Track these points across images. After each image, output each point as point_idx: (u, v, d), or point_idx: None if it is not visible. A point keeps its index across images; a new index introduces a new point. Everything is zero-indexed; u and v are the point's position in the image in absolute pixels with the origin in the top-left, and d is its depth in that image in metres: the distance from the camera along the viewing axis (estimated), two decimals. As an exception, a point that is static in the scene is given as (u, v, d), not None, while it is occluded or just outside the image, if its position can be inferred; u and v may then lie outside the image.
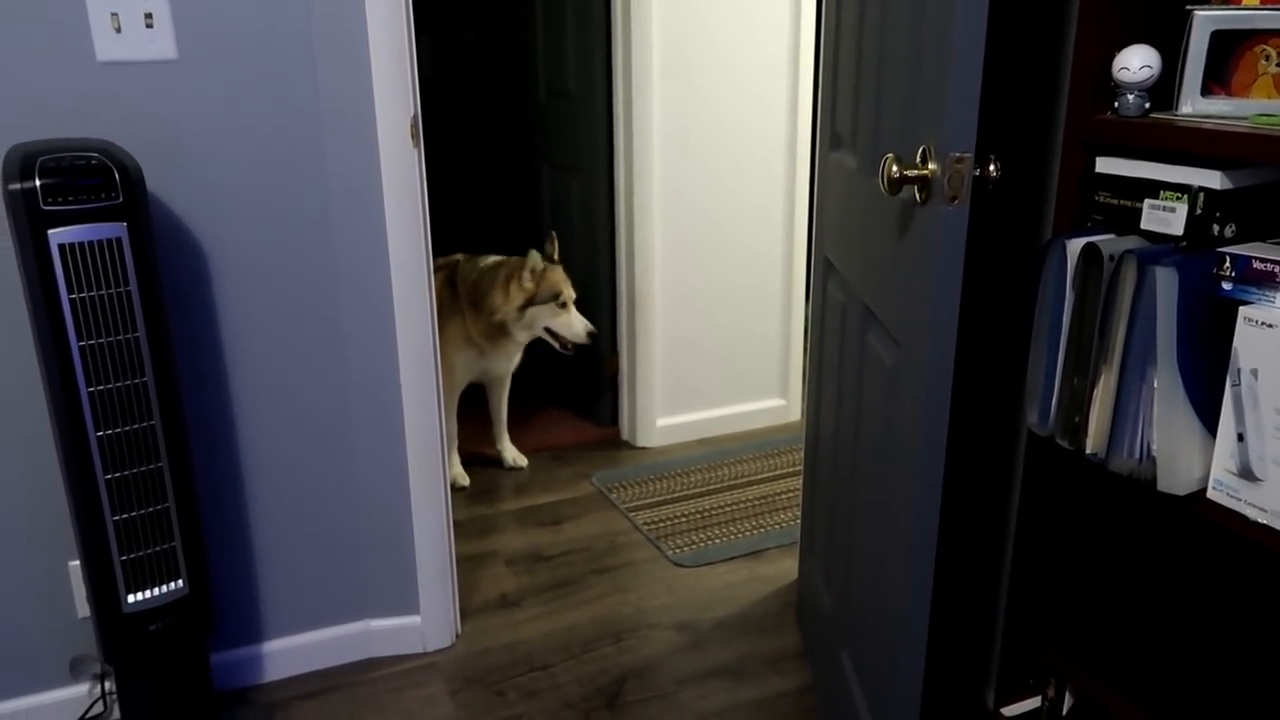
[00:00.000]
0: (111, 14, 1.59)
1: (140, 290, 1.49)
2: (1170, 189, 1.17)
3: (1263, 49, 1.16)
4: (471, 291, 2.82)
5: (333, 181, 1.81)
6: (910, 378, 1.27)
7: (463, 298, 2.82)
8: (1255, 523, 1.07)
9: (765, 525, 2.65)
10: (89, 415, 1.49)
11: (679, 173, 2.99)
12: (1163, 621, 1.44)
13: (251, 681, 2.02)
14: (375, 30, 1.75)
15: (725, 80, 2.97)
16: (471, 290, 2.82)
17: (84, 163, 1.43)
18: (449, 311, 2.79)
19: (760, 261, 3.20)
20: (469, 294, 2.82)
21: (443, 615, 2.13)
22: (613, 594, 2.34)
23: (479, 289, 2.81)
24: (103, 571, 1.57)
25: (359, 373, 1.93)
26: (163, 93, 1.66)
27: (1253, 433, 1.07)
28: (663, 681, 2.02)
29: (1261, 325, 1.05)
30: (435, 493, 2.05)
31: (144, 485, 1.56)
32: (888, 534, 1.40)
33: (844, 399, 1.70)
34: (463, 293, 2.82)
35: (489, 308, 2.78)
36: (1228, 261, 1.09)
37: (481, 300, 2.79)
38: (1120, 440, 1.19)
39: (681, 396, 3.22)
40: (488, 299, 2.78)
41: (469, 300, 2.82)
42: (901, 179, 1.19)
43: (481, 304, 2.79)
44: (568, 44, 3.07)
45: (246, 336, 1.84)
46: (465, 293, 2.82)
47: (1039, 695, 1.50)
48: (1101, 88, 1.24)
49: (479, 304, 2.80)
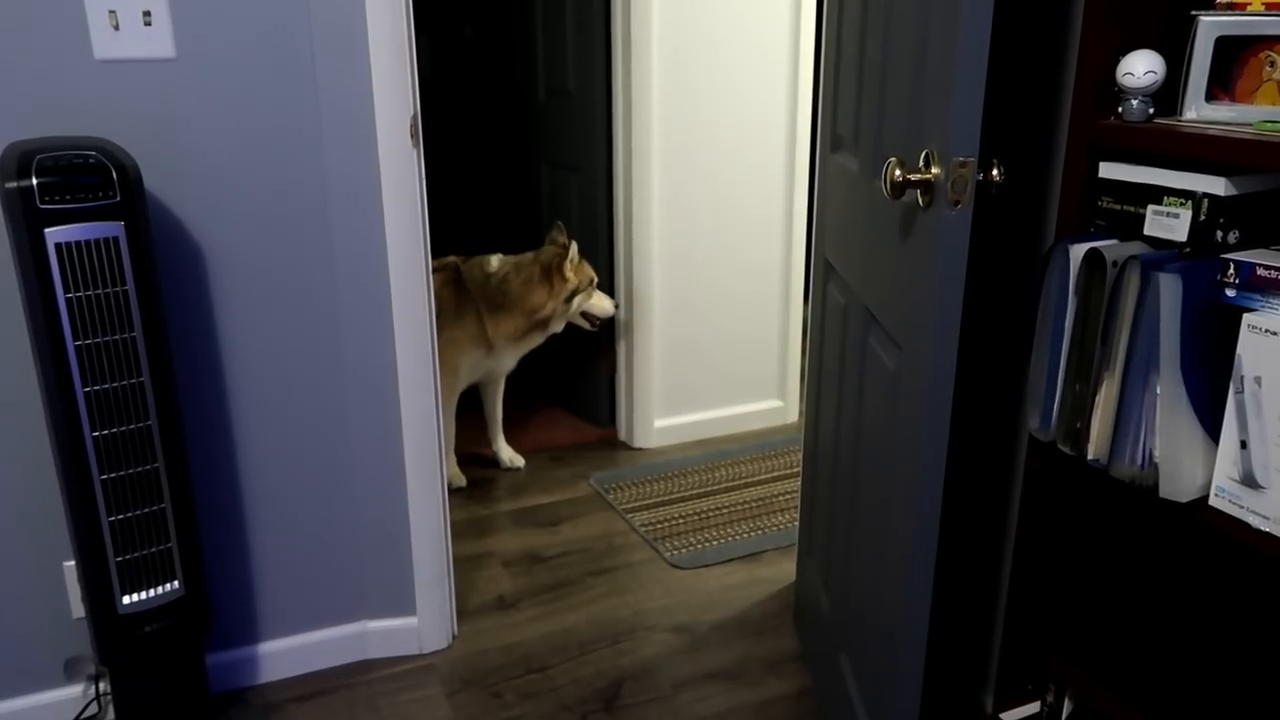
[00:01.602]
0: (110, 11, 1.59)
1: (137, 290, 1.49)
2: (1174, 195, 1.16)
3: (1268, 55, 1.15)
4: (495, 295, 2.79)
5: (332, 181, 1.81)
6: (912, 381, 1.27)
7: (479, 301, 2.79)
8: (1258, 530, 1.07)
9: (763, 527, 2.65)
10: (85, 415, 1.48)
11: (678, 173, 2.99)
12: (1163, 628, 1.43)
13: (248, 683, 2.01)
14: (375, 29, 1.74)
15: (724, 81, 2.96)
16: (496, 293, 2.79)
17: (81, 161, 1.43)
18: (454, 314, 2.77)
19: (758, 263, 3.20)
20: (490, 297, 2.79)
21: (439, 616, 2.12)
22: (610, 596, 2.34)
23: (506, 291, 2.79)
24: (98, 572, 1.56)
25: (357, 373, 1.93)
26: (161, 91, 1.66)
27: (1256, 440, 1.06)
28: (660, 684, 2.02)
29: (1265, 333, 1.04)
30: (432, 493, 2.05)
31: (140, 486, 1.56)
32: (887, 537, 1.40)
33: (844, 402, 1.70)
34: (478, 296, 2.80)
35: (530, 306, 2.79)
36: (1231, 268, 1.09)
37: (516, 302, 2.79)
38: (1122, 446, 1.18)
39: (679, 397, 3.21)
40: (527, 299, 2.79)
41: (491, 303, 2.79)
42: (904, 182, 1.18)
43: (515, 305, 2.79)
44: (567, 43, 3.06)
45: (244, 336, 1.83)
46: (483, 296, 2.80)
47: (1038, 700, 1.50)
48: (1105, 92, 1.24)
49: (509, 306, 2.79)
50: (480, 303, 2.79)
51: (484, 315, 2.79)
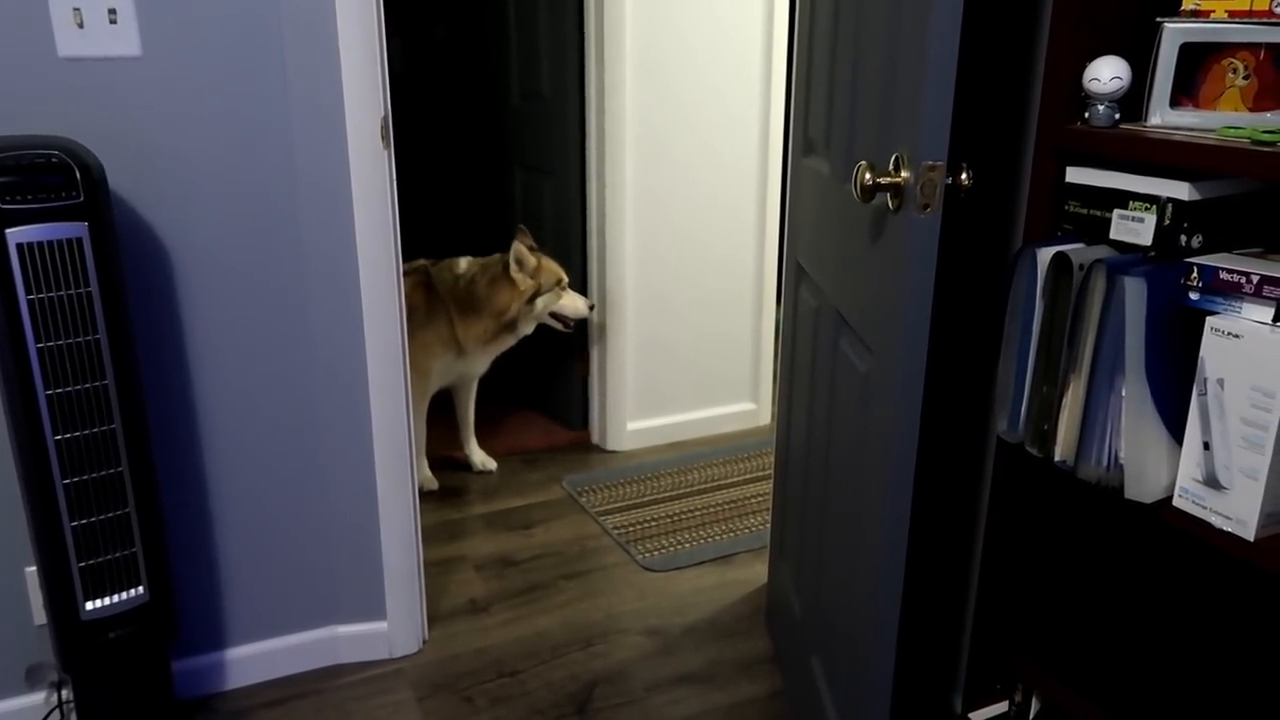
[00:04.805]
0: (74, 9, 1.56)
1: (101, 291, 1.46)
2: (1139, 199, 1.18)
3: (1230, 62, 1.17)
4: (464, 297, 2.79)
5: (302, 182, 1.79)
6: (882, 384, 1.27)
7: (449, 304, 2.78)
8: (1220, 530, 1.08)
9: (735, 529, 2.65)
10: (47, 419, 1.46)
11: (651, 176, 2.99)
12: (1129, 627, 1.45)
13: (215, 689, 1.99)
14: (345, 30, 1.72)
15: (698, 83, 2.97)
16: (465, 296, 2.79)
17: (44, 161, 1.40)
18: (424, 317, 2.76)
19: (731, 265, 3.21)
20: (460, 299, 2.78)
21: (410, 621, 2.10)
22: (583, 599, 2.33)
23: (474, 294, 2.78)
24: (60, 578, 1.53)
25: (327, 375, 1.91)
26: (126, 90, 1.63)
27: (1218, 442, 1.08)
28: (633, 687, 2.01)
29: (1228, 335, 1.06)
30: (404, 496, 2.03)
31: (104, 490, 1.53)
32: (858, 539, 1.40)
33: (815, 405, 1.71)
34: (448, 298, 2.78)
35: (497, 308, 2.78)
36: (1195, 272, 1.11)
37: (483, 304, 2.78)
38: (1089, 448, 1.19)
39: (653, 400, 3.21)
40: (492, 301, 2.78)
41: (461, 306, 2.78)
42: (874, 186, 1.19)
43: (483, 307, 2.78)
44: (541, 45, 3.05)
45: (212, 338, 1.81)
46: (453, 298, 2.79)
47: (1006, 700, 1.51)
48: (1073, 98, 1.25)
49: (478, 308, 2.78)
50: (450, 305, 2.78)
51: (454, 318, 2.78)
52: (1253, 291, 1.05)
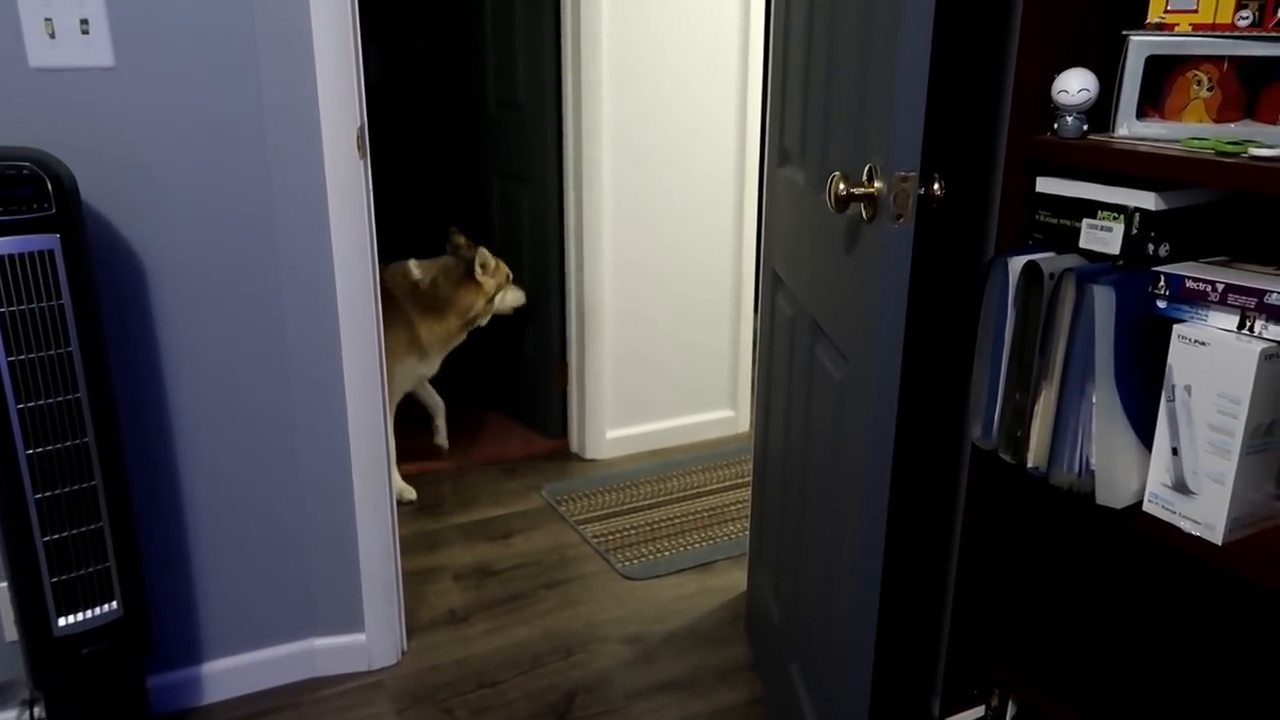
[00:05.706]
0: (45, 19, 1.55)
1: (73, 304, 1.45)
2: (1107, 209, 1.20)
3: (1195, 74, 1.19)
4: (428, 299, 2.82)
5: (277, 192, 1.78)
6: (858, 392, 1.29)
7: (409, 307, 2.79)
8: (1189, 534, 1.10)
9: (714, 537, 2.66)
10: (18, 433, 1.44)
11: (629, 184, 2.99)
12: (1103, 630, 1.47)
13: (190, 704, 1.97)
14: (320, 38, 1.72)
15: (675, 92, 2.98)
16: (428, 298, 2.82)
17: (15, 172, 1.39)
18: (385, 324, 2.76)
19: (709, 273, 3.22)
20: (423, 302, 2.82)
21: (388, 632, 2.09)
22: (562, 608, 2.33)
23: (438, 295, 2.82)
24: (32, 593, 1.51)
25: (304, 384, 1.90)
26: (99, 100, 1.62)
27: (1186, 447, 1.10)
28: (613, 696, 2.01)
29: (1194, 343, 1.08)
30: (381, 506, 2.02)
31: (76, 504, 1.52)
32: (836, 546, 1.41)
33: (792, 413, 1.72)
34: (407, 302, 2.80)
35: (464, 307, 2.85)
36: (1162, 280, 1.13)
37: (447, 305, 2.83)
38: (1060, 454, 1.21)
39: (631, 408, 3.22)
40: (457, 301, 2.84)
41: (424, 308, 2.82)
42: (848, 196, 1.20)
43: (448, 308, 2.84)
44: (518, 54, 3.06)
45: (188, 349, 1.79)
46: (414, 302, 2.80)
47: (983, 705, 1.53)
48: (1042, 109, 1.27)
49: (442, 309, 2.83)
50: (411, 309, 2.80)
51: (416, 321, 2.81)
52: (1218, 300, 1.07)
